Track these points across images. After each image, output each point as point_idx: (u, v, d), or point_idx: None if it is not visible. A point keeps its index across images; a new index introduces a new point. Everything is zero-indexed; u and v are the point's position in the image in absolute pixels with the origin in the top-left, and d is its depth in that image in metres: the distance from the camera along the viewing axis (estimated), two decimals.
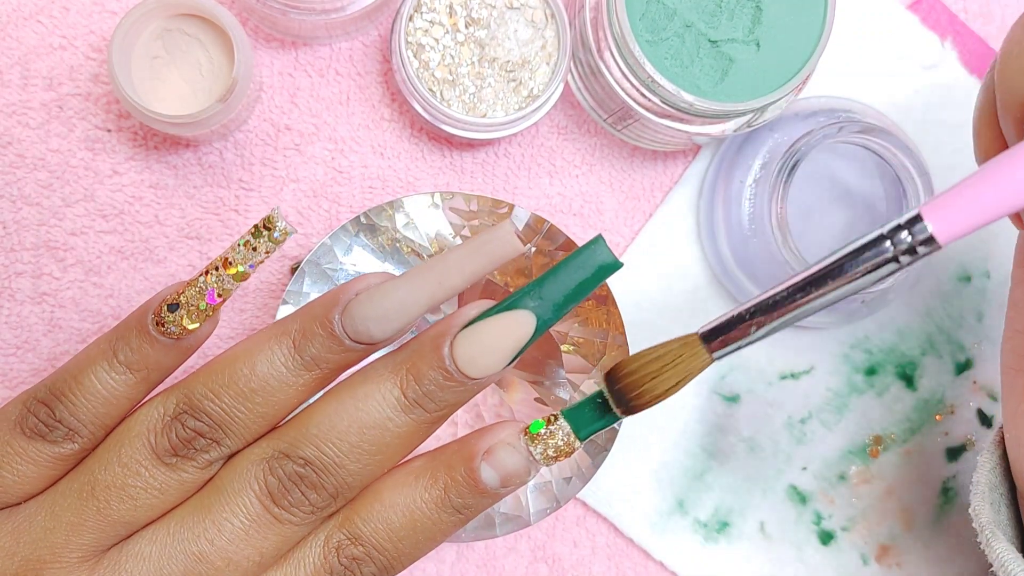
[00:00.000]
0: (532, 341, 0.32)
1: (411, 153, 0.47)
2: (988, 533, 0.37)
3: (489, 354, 0.32)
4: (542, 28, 0.44)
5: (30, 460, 0.32)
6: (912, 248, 0.30)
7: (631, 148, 0.49)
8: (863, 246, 0.31)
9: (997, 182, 0.29)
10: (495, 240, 0.31)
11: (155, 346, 0.32)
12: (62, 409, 0.32)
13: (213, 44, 0.42)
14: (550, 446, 0.33)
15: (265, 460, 0.32)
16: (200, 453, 0.32)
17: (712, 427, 0.49)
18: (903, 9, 0.50)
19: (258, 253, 0.32)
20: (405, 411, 0.32)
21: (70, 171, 0.45)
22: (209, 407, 0.32)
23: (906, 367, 0.50)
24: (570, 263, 0.31)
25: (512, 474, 0.33)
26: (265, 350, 0.32)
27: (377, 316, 0.32)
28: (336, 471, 0.32)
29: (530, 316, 0.31)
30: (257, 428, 0.33)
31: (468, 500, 0.33)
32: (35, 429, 0.32)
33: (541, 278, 0.31)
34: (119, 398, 0.32)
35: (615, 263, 0.31)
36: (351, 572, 0.33)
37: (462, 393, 0.32)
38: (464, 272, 0.31)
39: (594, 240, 0.31)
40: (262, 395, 0.32)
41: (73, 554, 0.31)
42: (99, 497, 0.32)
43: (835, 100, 0.47)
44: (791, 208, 0.45)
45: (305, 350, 0.32)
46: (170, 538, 0.32)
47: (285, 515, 0.32)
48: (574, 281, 0.31)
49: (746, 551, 0.49)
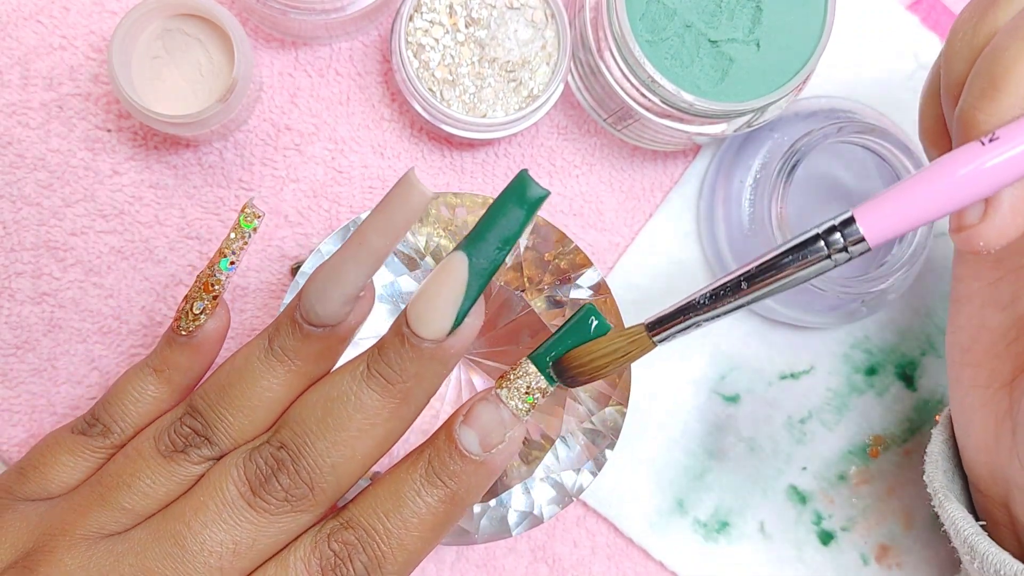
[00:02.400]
0: (477, 287, 0.32)
1: (411, 153, 0.47)
2: (941, 496, 0.40)
3: (433, 307, 0.32)
4: (542, 28, 0.44)
5: (69, 451, 0.36)
6: (844, 248, 0.32)
7: (631, 148, 0.49)
8: (798, 245, 0.32)
9: (923, 191, 0.31)
10: (399, 189, 0.31)
11: (172, 346, 0.36)
12: (101, 410, 0.37)
13: (213, 44, 0.42)
14: (521, 386, 0.33)
15: (249, 450, 0.34)
16: (193, 449, 0.34)
17: (712, 427, 0.49)
18: (903, 9, 0.50)
19: (236, 240, 0.35)
20: (367, 381, 0.33)
21: (70, 171, 0.45)
22: (200, 405, 0.34)
23: (906, 367, 0.50)
24: (497, 201, 0.31)
25: (489, 428, 0.33)
26: (246, 349, 0.35)
27: (317, 292, 0.33)
28: (307, 450, 0.33)
29: (461, 256, 0.32)
30: (242, 425, 0.34)
31: (452, 467, 0.33)
32: (80, 428, 0.37)
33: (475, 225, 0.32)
34: (145, 397, 0.36)
35: (542, 193, 0.31)
36: (342, 559, 0.33)
37: (423, 361, 0.33)
38: (378, 228, 0.32)
39: (518, 175, 0.31)
40: (238, 387, 0.34)
41: (78, 531, 0.33)
42: (103, 483, 0.35)
43: (835, 100, 0.47)
44: (791, 208, 0.45)
45: (274, 341, 0.34)
46: (157, 524, 0.33)
47: (260, 502, 0.33)
48: (502, 216, 0.31)
49: (746, 551, 0.49)
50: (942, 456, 0.42)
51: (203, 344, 0.36)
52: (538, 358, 0.34)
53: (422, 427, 0.42)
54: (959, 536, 0.39)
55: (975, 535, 0.38)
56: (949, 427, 0.43)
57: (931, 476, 0.41)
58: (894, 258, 0.45)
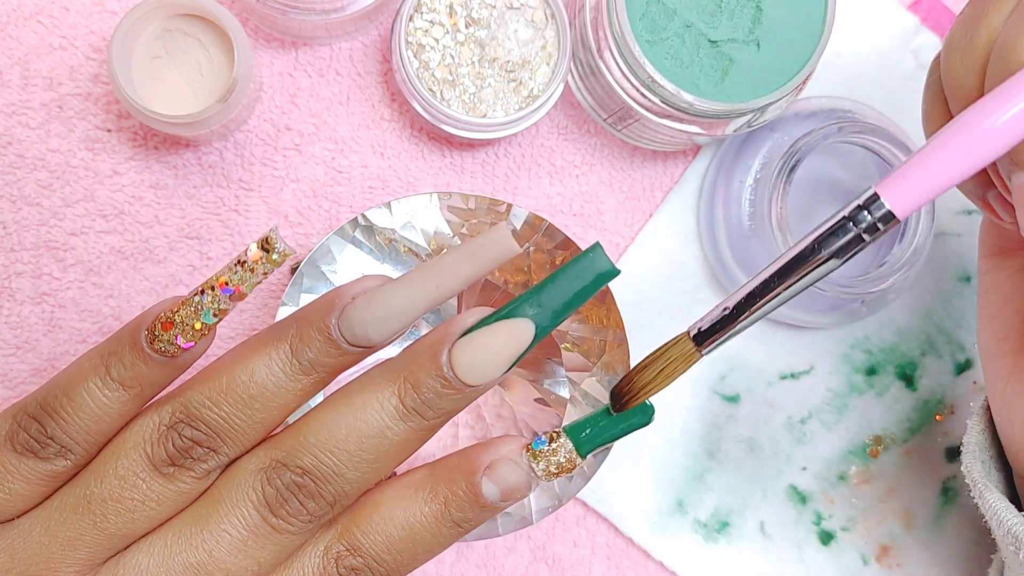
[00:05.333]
0: (530, 348, 0.32)
1: (411, 153, 0.47)
2: (981, 486, 0.39)
3: (487, 362, 0.31)
4: (542, 28, 0.44)
5: (21, 477, 0.31)
6: (873, 225, 0.32)
7: (631, 148, 0.49)
8: (827, 230, 0.32)
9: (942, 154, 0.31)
10: (491, 242, 0.31)
11: (149, 363, 0.32)
12: (53, 426, 0.31)
13: (213, 44, 0.42)
14: (552, 463, 0.33)
15: (263, 470, 0.32)
16: (197, 463, 0.32)
17: (712, 427, 0.49)
18: (903, 9, 0.50)
19: (255, 275, 0.31)
20: (403, 419, 0.32)
21: (70, 171, 0.45)
22: (207, 415, 0.31)
23: (906, 367, 0.50)
24: (568, 270, 0.31)
25: (513, 489, 0.33)
26: (263, 356, 0.32)
27: (375, 320, 0.31)
28: (334, 480, 0.32)
29: (529, 324, 0.31)
30: (255, 435, 0.32)
31: (468, 514, 0.33)
32: (26, 445, 0.31)
33: (539, 285, 0.32)
34: (111, 414, 0.32)
35: (613, 270, 0.31)
36: None
37: (460, 400, 0.32)
38: (461, 275, 0.31)
39: (592, 247, 0.31)
40: (261, 401, 0.32)
41: (69, 568, 0.31)
42: (95, 511, 0.31)
43: (835, 100, 0.47)
44: (791, 208, 0.45)
45: (303, 355, 0.32)
46: (168, 550, 0.31)
47: (283, 525, 0.32)
48: (572, 288, 0.31)
49: (746, 551, 0.49)
50: (979, 447, 0.41)
51: (186, 364, 0.32)
52: (573, 431, 0.33)
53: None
54: (1001, 527, 0.38)
55: (1019, 524, 0.37)
56: (985, 418, 0.42)
57: (969, 467, 0.41)
58: (894, 258, 0.45)
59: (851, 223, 0.32)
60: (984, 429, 0.42)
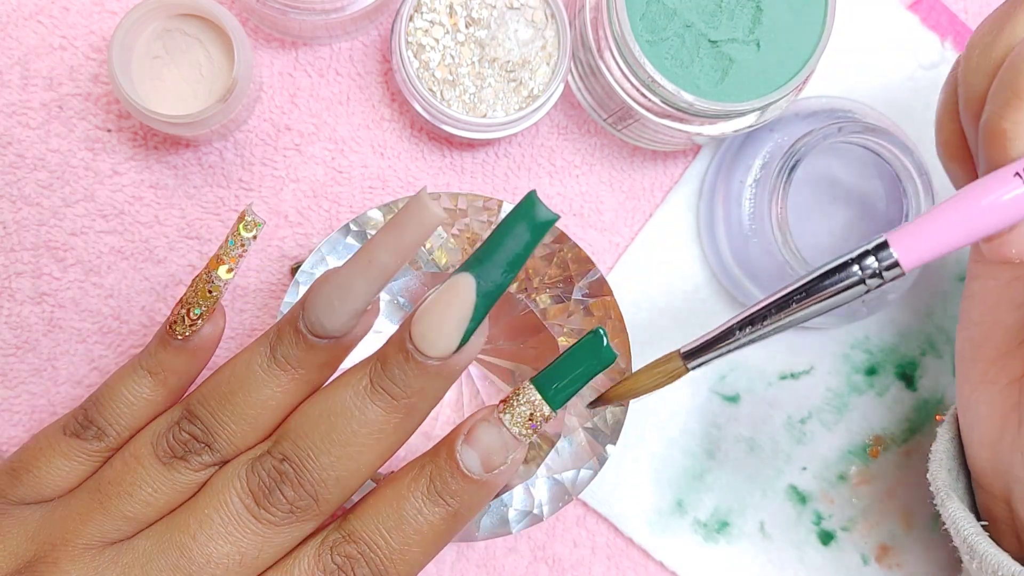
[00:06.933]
0: (483, 308, 0.32)
1: (411, 153, 0.47)
2: (943, 495, 0.40)
3: (437, 326, 0.32)
4: (542, 28, 0.44)
5: (62, 454, 0.35)
6: (878, 273, 0.32)
7: (631, 148, 0.49)
8: (831, 270, 0.33)
9: (959, 217, 0.31)
10: (410, 209, 0.31)
11: (168, 349, 0.36)
12: (94, 411, 0.36)
13: (213, 44, 0.42)
14: (519, 412, 0.33)
15: (251, 460, 0.34)
16: (193, 455, 0.34)
17: (712, 427, 0.49)
18: (903, 9, 0.50)
19: (236, 247, 0.34)
20: (371, 396, 0.33)
21: (70, 171, 0.45)
22: (200, 412, 0.34)
23: (906, 367, 0.50)
24: (504, 223, 0.31)
25: (490, 450, 0.33)
26: (246, 355, 0.34)
27: (322, 304, 0.33)
28: (311, 464, 0.33)
29: (468, 278, 0.31)
30: (244, 432, 0.34)
31: (453, 486, 0.33)
32: (73, 429, 0.36)
33: (480, 245, 0.32)
34: (140, 400, 0.36)
35: (551, 217, 0.31)
36: (345, 572, 0.33)
37: (428, 378, 0.33)
38: (389, 246, 0.32)
39: (526, 197, 0.31)
40: (241, 395, 0.34)
41: (80, 540, 0.33)
42: (102, 490, 0.34)
43: (835, 100, 0.47)
44: (791, 208, 0.45)
45: (277, 349, 0.34)
46: (161, 534, 0.33)
47: (264, 514, 0.33)
48: (509, 239, 0.31)
49: (746, 551, 0.49)
50: (947, 455, 0.42)
51: (199, 348, 0.36)
52: (541, 383, 0.33)
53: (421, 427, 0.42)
54: (959, 535, 0.39)
55: (975, 535, 0.38)
56: (955, 425, 0.43)
57: (934, 474, 0.41)
58: None
59: (856, 266, 0.32)
60: (953, 437, 0.42)
